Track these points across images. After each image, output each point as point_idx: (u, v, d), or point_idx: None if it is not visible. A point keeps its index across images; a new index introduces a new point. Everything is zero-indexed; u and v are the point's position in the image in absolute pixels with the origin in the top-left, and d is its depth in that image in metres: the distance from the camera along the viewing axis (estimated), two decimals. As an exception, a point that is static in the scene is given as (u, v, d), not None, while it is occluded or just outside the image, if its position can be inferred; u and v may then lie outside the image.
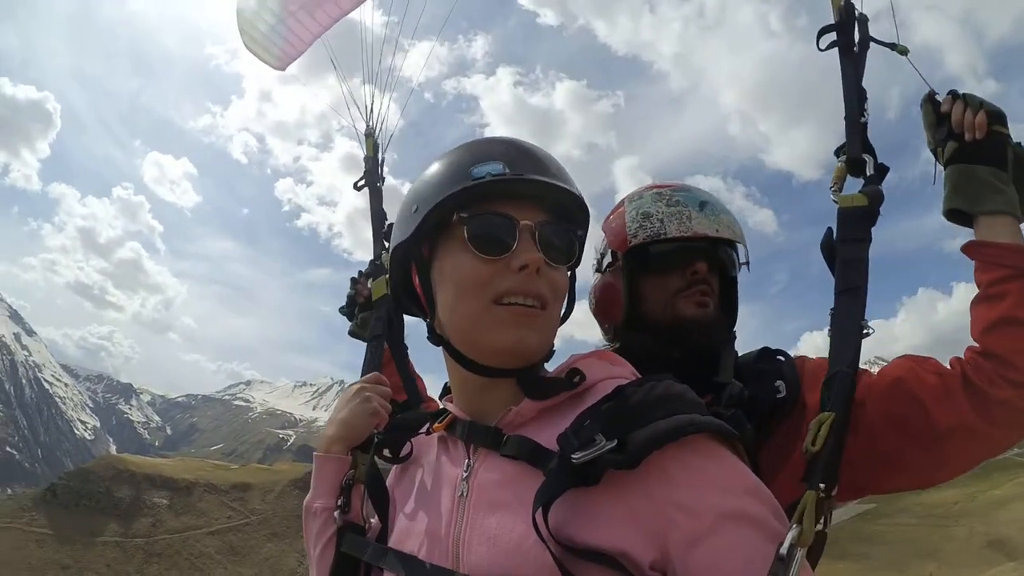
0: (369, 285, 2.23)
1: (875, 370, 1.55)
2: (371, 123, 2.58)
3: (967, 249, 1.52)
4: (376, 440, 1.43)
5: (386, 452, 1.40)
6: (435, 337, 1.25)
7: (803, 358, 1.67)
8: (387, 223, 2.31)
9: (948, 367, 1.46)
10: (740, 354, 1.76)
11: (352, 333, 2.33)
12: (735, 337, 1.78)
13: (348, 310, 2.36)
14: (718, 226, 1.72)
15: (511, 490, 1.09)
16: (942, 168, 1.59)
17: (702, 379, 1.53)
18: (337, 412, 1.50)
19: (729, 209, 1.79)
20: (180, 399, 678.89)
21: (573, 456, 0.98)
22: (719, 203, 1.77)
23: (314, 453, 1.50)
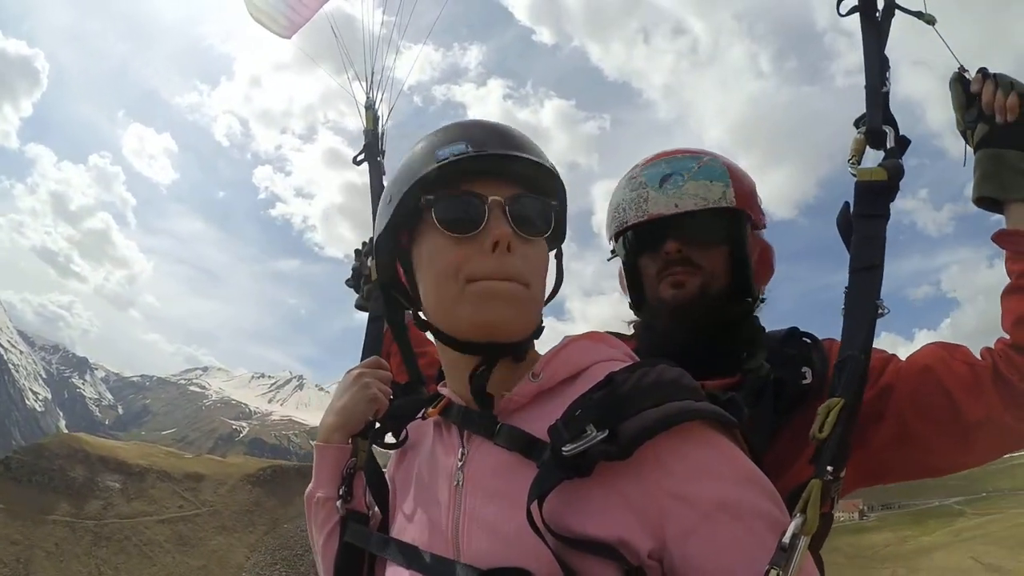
0: (369, 263, 2.16)
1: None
2: (371, 94, 2.46)
3: (998, 238, 1.47)
4: (374, 427, 1.45)
5: (387, 438, 1.41)
6: (421, 323, 1.26)
7: (831, 341, 1.56)
8: None
9: (979, 358, 1.43)
10: (768, 331, 1.71)
11: (359, 306, 2.27)
12: (752, 308, 1.71)
13: (355, 283, 2.29)
14: (678, 200, 1.63)
15: (506, 479, 1.08)
16: (972, 151, 1.54)
17: (727, 357, 1.57)
18: (336, 399, 1.49)
19: (716, 170, 1.66)
20: (135, 379, 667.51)
21: (564, 448, 0.96)
22: (694, 168, 1.66)
23: (314, 442, 1.50)
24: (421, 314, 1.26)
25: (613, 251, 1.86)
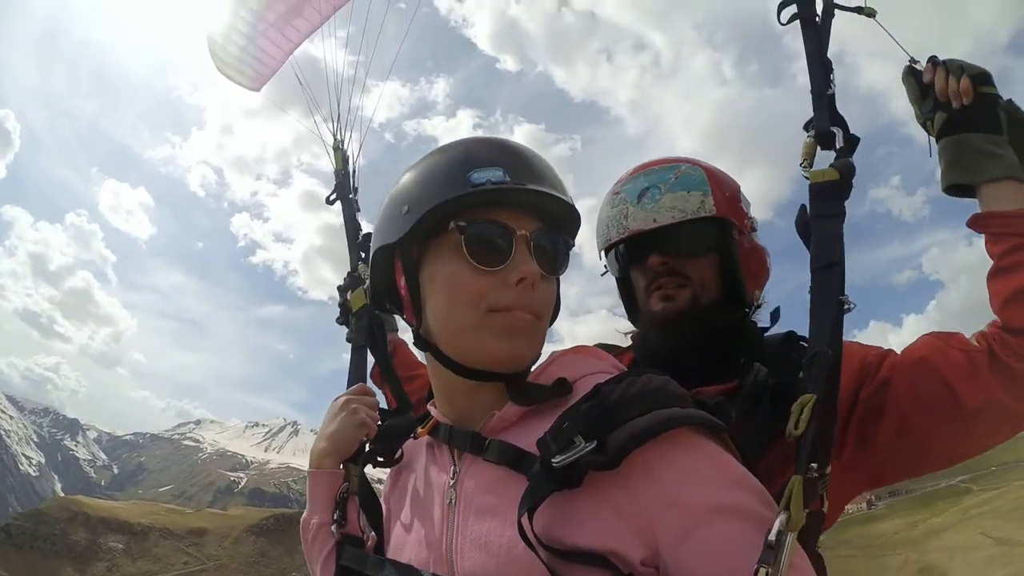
0: (348, 297, 2.12)
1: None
2: (339, 135, 2.50)
3: (973, 223, 1.46)
4: (366, 450, 1.47)
5: (379, 460, 1.44)
6: (421, 342, 1.24)
7: None
8: (361, 234, 2.24)
9: (974, 343, 1.41)
10: (767, 335, 1.70)
11: (349, 339, 2.16)
12: (745, 315, 1.69)
13: (343, 319, 2.22)
14: (656, 215, 1.62)
15: (497, 495, 1.08)
16: (935, 142, 1.54)
17: (724, 363, 1.57)
18: (326, 426, 1.50)
19: (693, 179, 1.64)
20: (128, 437, 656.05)
21: (553, 460, 0.97)
22: (671, 179, 1.65)
23: (307, 470, 1.51)
24: (421, 332, 1.25)
25: (606, 266, 1.87)
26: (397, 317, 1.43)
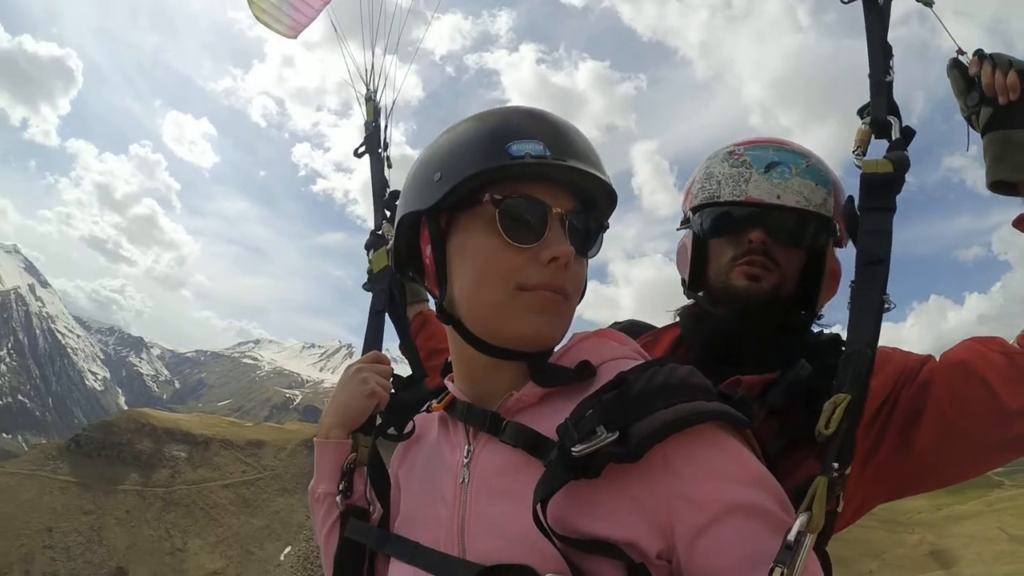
0: (370, 256, 2.07)
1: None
2: (371, 86, 2.43)
3: (1019, 223, 1.44)
4: (378, 422, 1.44)
5: (390, 431, 1.39)
6: (444, 315, 1.21)
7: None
8: (388, 191, 2.18)
9: (1016, 346, 1.39)
10: (816, 331, 1.68)
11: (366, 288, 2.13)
12: (809, 322, 1.67)
13: (369, 285, 2.14)
14: (781, 192, 1.56)
15: (512, 478, 1.07)
16: (979, 137, 1.49)
17: (773, 357, 1.51)
18: (336, 396, 1.49)
19: (823, 174, 1.61)
20: (189, 354, 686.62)
21: (573, 449, 0.95)
22: (803, 165, 1.60)
23: (315, 439, 1.50)
24: (445, 305, 1.21)
25: (686, 221, 1.75)
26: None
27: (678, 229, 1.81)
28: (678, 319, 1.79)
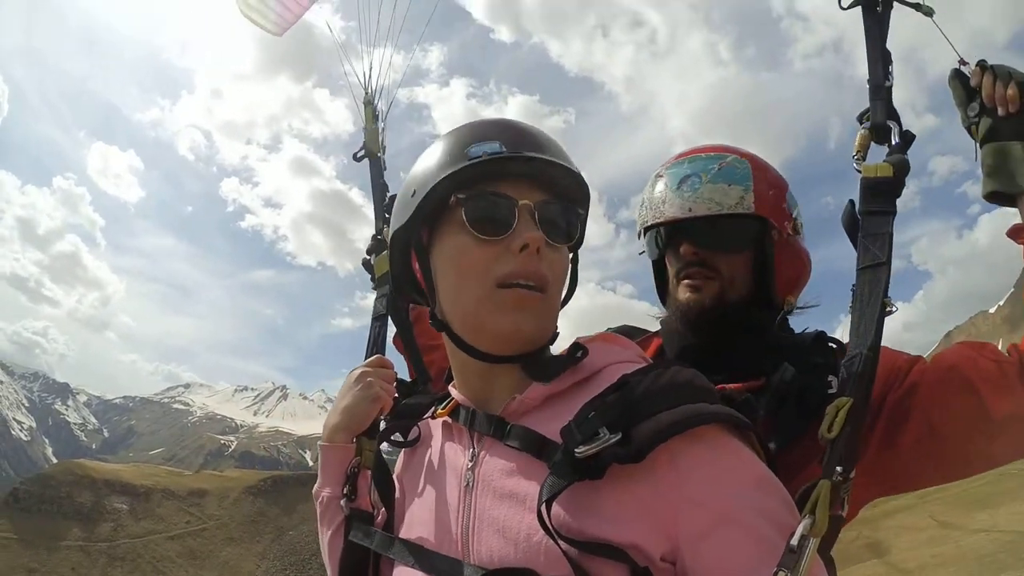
0: (372, 261, 2.02)
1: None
2: (370, 91, 2.38)
3: (1012, 234, 1.41)
4: (382, 427, 1.43)
5: (395, 437, 1.38)
6: (437, 323, 1.20)
7: None
8: (388, 195, 2.12)
9: (1006, 354, 1.36)
10: (796, 335, 1.64)
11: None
12: (773, 319, 1.63)
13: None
14: (692, 204, 1.57)
15: (516, 481, 1.06)
16: (979, 148, 1.47)
17: (751, 361, 1.52)
18: (340, 400, 1.47)
19: (737, 172, 1.59)
20: (117, 401, 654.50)
21: (576, 450, 0.94)
22: (714, 170, 1.60)
23: (319, 443, 1.48)
24: (437, 314, 1.22)
25: (644, 246, 1.83)
26: None
27: (639, 254, 1.85)
28: (661, 327, 1.80)
